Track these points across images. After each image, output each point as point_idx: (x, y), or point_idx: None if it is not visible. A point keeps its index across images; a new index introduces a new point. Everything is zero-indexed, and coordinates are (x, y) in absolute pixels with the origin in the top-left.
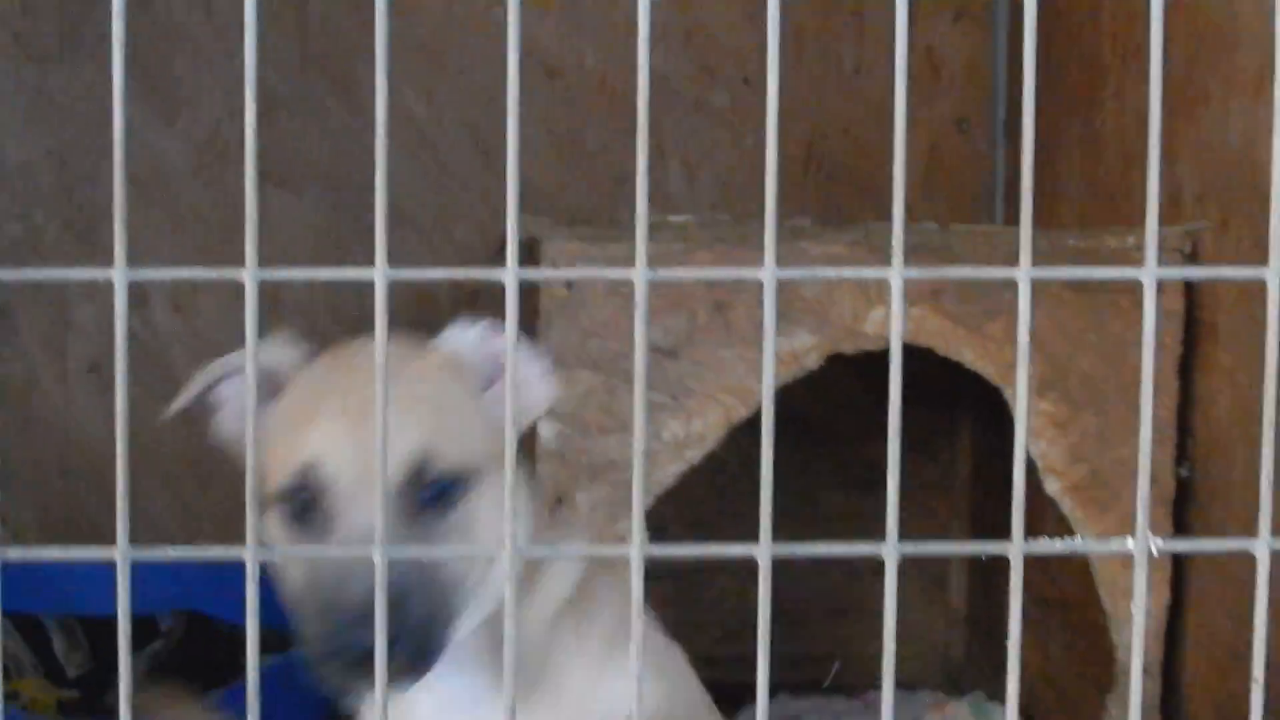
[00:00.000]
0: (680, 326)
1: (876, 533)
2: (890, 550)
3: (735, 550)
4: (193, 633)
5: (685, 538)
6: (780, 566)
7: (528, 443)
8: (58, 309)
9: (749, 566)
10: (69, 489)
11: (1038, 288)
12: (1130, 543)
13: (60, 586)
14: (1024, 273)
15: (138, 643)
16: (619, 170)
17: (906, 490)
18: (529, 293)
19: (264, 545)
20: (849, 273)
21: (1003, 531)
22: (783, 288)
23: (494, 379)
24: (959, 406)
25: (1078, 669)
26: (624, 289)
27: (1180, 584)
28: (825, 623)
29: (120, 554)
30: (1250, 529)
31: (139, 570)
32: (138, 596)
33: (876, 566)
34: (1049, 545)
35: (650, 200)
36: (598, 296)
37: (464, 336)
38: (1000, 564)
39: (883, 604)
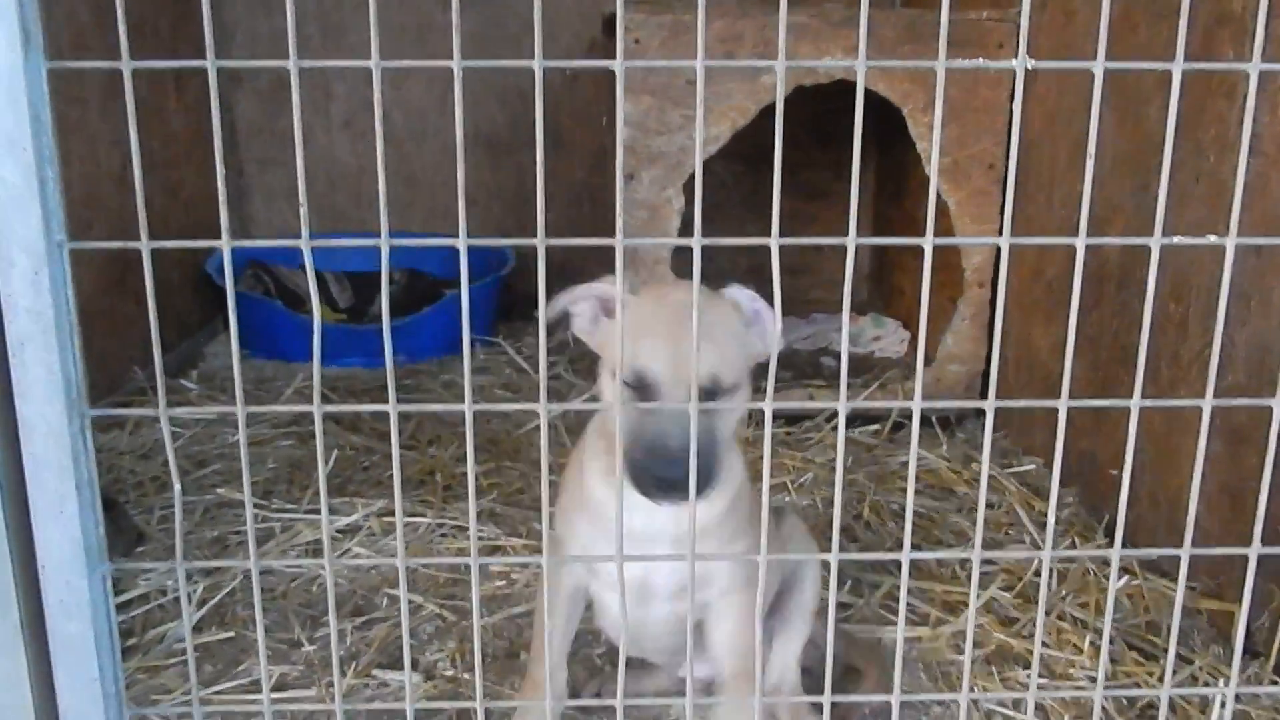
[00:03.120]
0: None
1: (814, 228)
2: (851, 241)
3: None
4: (410, 281)
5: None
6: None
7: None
8: None
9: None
10: None
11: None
12: None
13: (333, 255)
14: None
15: (379, 285)
16: None
17: (832, 195)
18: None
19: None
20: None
21: (900, 216)
22: (768, 42)
23: (751, 322)
24: (866, 134)
25: (946, 293)
26: (670, 42)
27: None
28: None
29: (384, 243)
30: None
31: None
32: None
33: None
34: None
35: None
36: (655, 47)
37: (740, 293)
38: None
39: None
